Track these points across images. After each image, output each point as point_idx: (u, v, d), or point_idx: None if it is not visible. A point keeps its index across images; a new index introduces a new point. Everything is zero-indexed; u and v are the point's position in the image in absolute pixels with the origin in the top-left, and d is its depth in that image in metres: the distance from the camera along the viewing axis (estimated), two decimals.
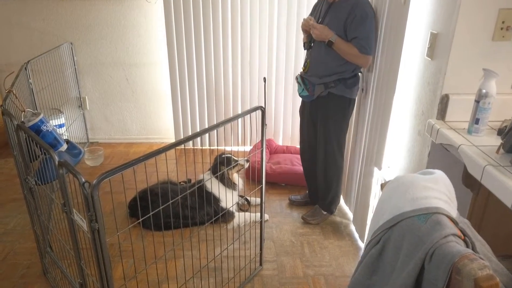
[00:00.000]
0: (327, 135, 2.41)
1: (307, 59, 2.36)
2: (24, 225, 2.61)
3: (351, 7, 2.08)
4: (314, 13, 2.36)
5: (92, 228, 1.22)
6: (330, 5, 2.18)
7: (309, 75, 2.34)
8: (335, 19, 2.15)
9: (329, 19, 2.17)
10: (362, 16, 2.06)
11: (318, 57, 2.27)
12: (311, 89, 2.33)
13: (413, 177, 1.06)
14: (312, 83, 2.33)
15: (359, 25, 2.07)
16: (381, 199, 1.11)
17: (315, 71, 2.31)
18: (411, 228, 0.96)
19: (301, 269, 2.24)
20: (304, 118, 2.59)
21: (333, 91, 2.29)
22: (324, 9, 2.23)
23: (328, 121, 2.38)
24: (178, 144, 1.47)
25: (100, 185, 1.19)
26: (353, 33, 2.10)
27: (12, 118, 1.66)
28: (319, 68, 2.29)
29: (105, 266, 1.30)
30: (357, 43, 2.11)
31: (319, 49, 2.25)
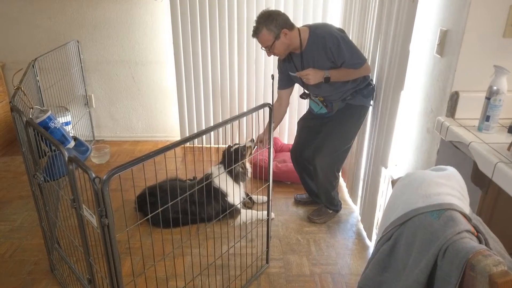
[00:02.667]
0: (327, 143, 2.39)
1: (314, 99, 2.45)
2: (31, 222, 2.62)
3: (321, 44, 2.15)
4: (287, 71, 2.40)
5: (102, 224, 1.22)
6: (301, 54, 2.24)
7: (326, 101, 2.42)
8: (317, 61, 2.21)
9: (311, 64, 2.23)
10: (336, 44, 2.12)
11: (324, 91, 2.34)
12: (330, 106, 2.40)
13: (425, 173, 1.06)
14: (329, 101, 2.40)
15: (339, 52, 2.13)
16: (392, 195, 1.11)
17: (331, 98, 2.39)
18: (424, 224, 0.95)
19: (307, 267, 2.23)
20: (306, 131, 2.61)
21: (351, 102, 2.34)
22: (297, 61, 2.29)
23: (340, 126, 2.38)
24: (187, 141, 1.47)
25: (110, 180, 1.19)
26: (340, 60, 2.16)
27: (22, 115, 1.67)
28: (332, 96, 2.36)
29: (114, 262, 1.30)
30: (349, 65, 2.18)
31: (320, 86, 2.30)
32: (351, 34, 2.90)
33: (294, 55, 2.29)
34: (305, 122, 2.67)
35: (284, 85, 2.51)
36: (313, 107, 2.50)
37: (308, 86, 2.38)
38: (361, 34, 2.59)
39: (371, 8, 2.39)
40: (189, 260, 2.23)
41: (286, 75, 2.45)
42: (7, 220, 2.65)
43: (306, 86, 2.41)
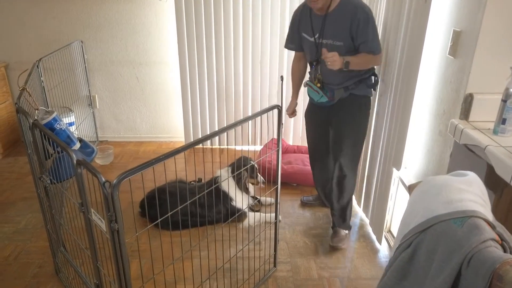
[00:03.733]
0: (344, 141, 2.25)
1: (317, 75, 2.20)
2: (35, 224, 2.60)
3: (351, 12, 1.99)
4: (300, 32, 2.22)
5: (112, 229, 1.19)
6: (325, 17, 2.06)
7: (325, 84, 2.23)
8: (338, 29, 2.04)
9: (331, 31, 2.06)
10: (365, 19, 1.98)
11: (327, 69, 2.10)
12: (331, 95, 2.20)
13: (445, 178, 1.03)
14: (330, 89, 2.21)
15: (365, 28, 1.99)
16: (411, 201, 1.08)
17: (332, 81, 2.19)
18: (447, 232, 0.92)
19: (315, 271, 2.20)
20: (316, 124, 2.46)
21: (355, 92, 2.19)
22: (317, 22, 2.10)
23: (349, 124, 2.24)
24: (197, 143, 1.45)
25: (120, 185, 1.16)
26: (361, 38, 2.02)
27: (28, 116, 1.64)
28: (335, 78, 2.17)
29: (123, 267, 1.27)
30: (368, 47, 2.04)
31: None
32: None
33: (315, 17, 2.10)
34: (311, 119, 2.51)
35: (293, 48, 2.36)
36: (313, 96, 2.30)
37: (318, 59, 2.17)
38: None
39: (380, 9, 2.36)
40: (196, 263, 2.20)
41: (298, 37, 2.27)
42: (11, 222, 2.63)
43: (316, 57, 2.18)
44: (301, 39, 2.25)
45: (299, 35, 2.24)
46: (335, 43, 2.06)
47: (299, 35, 2.24)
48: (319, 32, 2.10)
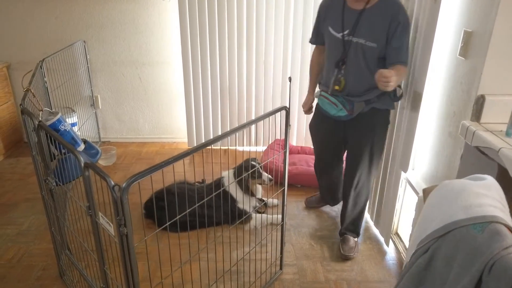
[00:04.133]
0: (364, 156, 2.10)
1: (339, 77, 1.94)
2: (38, 226, 2.58)
3: (392, 12, 1.77)
4: (327, 25, 1.96)
5: (120, 233, 1.17)
6: (361, 11, 1.81)
7: (345, 94, 1.98)
8: (375, 28, 1.80)
9: (366, 29, 1.82)
10: (405, 23, 1.78)
11: (357, 72, 1.91)
12: (350, 108, 1.97)
13: (463, 183, 1.00)
14: (350, 101, 1.97)
15: (403, 33, 1.78)
16: (428, 206, 1.06)
17: (354, 88, 1.95)
18: (466, 237, 0.90)
19: (322, 273, 2.18)
20: (327, 139, 2.25)
21: (376, 106, 1.98)
22: (350, 16, 1.85)
23: (369, 140, 2.06)
24: (207, 145, 1.42)
25: (129, 188, 1.14)
26: (396, 42, 1.79)
27: (33, 117, 1.62)
28: (359, 85, 1.94)
29: (132, 272, 1.25)
30: (401, 56, 1.82)
31: (357, 63, 1.89)
32: None
33: (349, 10, 1.84)
34: (321, 132, 2.24)
35: (318, 42, 2.12)
36: (329, 109, 2.06)
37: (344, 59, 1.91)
38: None
39: None
40: (202, 266, 2.18)
41: (321, 30, 2.03)
42: (14, 224, 2.60)
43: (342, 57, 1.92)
44: (325, 33, 2.00)
45: (325, 28, 1.99)
46: (367, 44, 1.83)
47: (324, 29, 1.99)
48: (350, 28, 1.84)
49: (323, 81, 2.12)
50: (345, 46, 1.88)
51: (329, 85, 2.01)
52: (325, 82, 2.08)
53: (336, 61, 1.95)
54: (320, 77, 2.18)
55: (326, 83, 2.05)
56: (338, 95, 1.99)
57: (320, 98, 2.12)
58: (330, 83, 1.99)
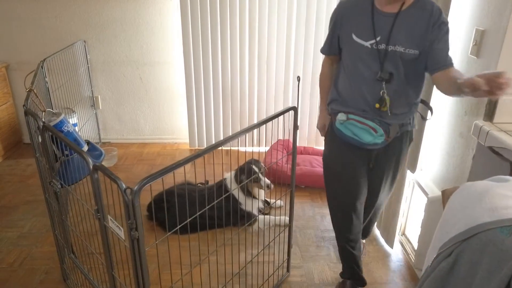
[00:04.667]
0: (388, 179, 1.83)
1: (383, 95, 1.57)
2: (40, 228, 2.53)
3: (432, 11, 1.49)
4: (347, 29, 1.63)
5: (132, 237, 1.14)
6: (396, 15, 1.51)
7: (383, 115, 1.61)
8: (415, 32, 1.50)
9: (404, 34, 1.51)
10: (446, 23, 1.52)
11: (398, 88, 1.58)
12: (387, 133, 1.63)
13: (487, 184, 0.98)
14: (385, 124, 1.62)
15: (446, 34, 1.51)
16: (450, 208, 1.03)
17: (394, 108, 1.61)
18: (493, 241, 0.87)
19: (329, 275, 2.16)
20: (355, 171, 1.78)
21: (408, 128, 1.71)
22: (382, 21, 1.53)
23: (396, 163, 1.79)
24: (216, 147, 1.39)
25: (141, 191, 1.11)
26: (443, 44, 1.50)
27: (37, 118, 1.58)
28: (399, 104, 1.61)
29: (143, 277, 1.22)
30: (449, 57, 1.51)
31: (397, 77, 1.57)
32: None
33: (380, 14, 1.53)
34: (347, 167, 1.78)
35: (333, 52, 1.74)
36: (362, 135, 1.63)
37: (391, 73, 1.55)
38: None
39: None
40: (208, 269, 2.15)
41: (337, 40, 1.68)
42: (15, 227, 2.56)
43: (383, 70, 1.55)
44: (345, 42, 1.64)
45: (345, 37, 1.63)
46: (407, 51, 1.51)
47: (345, 38, 1.64)
48: (384, 34, 1.53)
49: (341, 99, 1.72)
50: (381, 55, 1.55)
51: (365, 106, 1.63)
52: (352, 102, 1.66)
53: (375, 75, 1.57)
54: (333, 95, 1.77)
55: (355, 103, 1.65)
56: (375, 117, 1.62)
57: (347, 123, 1.67)
58: (367, 103, 1.62)
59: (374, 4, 1.56)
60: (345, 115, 1.67)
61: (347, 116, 1.67)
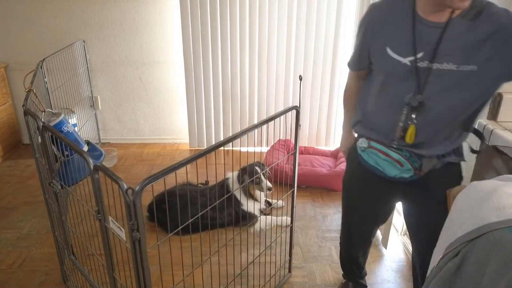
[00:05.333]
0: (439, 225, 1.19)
1: (406, 122, 1.31)
2: (39, 230, 2.52)
3: (500, 17, 1.18)
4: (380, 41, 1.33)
5: (133, 238, 1.12)
6: (446, 24, 1.21)
7: (410, 146, 1.35)
8: (469, 43, 1.19)
9: (456, 48, 1.21)
10: None
11: (439, 114, 1.28)
12: (418, 165, 1.36)
13: (493, 183, 0.97)
14: (418, 156, 1.36)
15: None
16: (456, 208, 1.02)
17: (429, 138, 1.33)
18: (501, 241, 0.86)
19: (331, 275, 2.15)
20: (375, 203, 1.60)
21: (452, 160, 1.38)
22: (427, 33, 1.24)
23: (442, 205, 1.34)
24: (218, 147, 1.38)
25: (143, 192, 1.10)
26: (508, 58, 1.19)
27: (37, 118, 1.57)
28: (437, 133, 1.33)
29: (144, 278, 1.20)
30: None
31: (442, 101, 1.27)
32: None
33: (423, 24, 1.24)
34: (367, 198, 1.59)
35: (362, 68, 1.47)
36: (386, 168, 1.41)
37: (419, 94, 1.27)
38: None
39: None
40: (208, 270, 2.13)
41: (367, 54, 1.39)
42: (14, 228, 2.54)
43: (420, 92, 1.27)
44: (377, 57, 1.36)
45: (378, 50, 1.34)
46: (460, 69, 1.21)
47: (377, 51, 1.35)
48: (427, 49, 1.24)
49: (365, 122, 1.47)
50: (419, 76, 1.26)
51: (389, 134, 1.37)
52: (378, 127, 1.42)
53: (404, 99, 1.29)
54: (357, 116, 1.52)
55: (379, 129, 1.40)
56: (401, 148, 1.36)
57: (368, 151, 1.45)
58: (391, 131, 1.36)
59: (416, 11, 1.25)
60: (367, 141, 1.44)
61: (368, 143, 1.44)
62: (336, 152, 3.37)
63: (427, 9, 1.23)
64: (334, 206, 2.82)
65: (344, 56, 3.37)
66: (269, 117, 1.62)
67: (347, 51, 3.35)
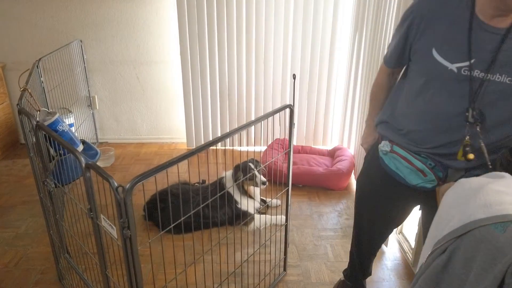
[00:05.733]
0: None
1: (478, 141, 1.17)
2: (36, 229, 2.52)
3: None
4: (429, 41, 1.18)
5: (124, 236, 1.12)
6: (507, 32, 1.08)
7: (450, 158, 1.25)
8: None
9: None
10: None
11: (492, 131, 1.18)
12: (443, 176, 1.28)
13: (481, 180, 0.97)
14: (444, 166, 1.28)
15: None
16: (444, 205, 1.02)
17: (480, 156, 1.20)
18: (487, 237, 0.87)
19: (326, 274, 2.15)
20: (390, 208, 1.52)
21: (480, 173, 1.18)
22: (485, 39, 1.11)
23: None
24: (210, 145, 1.38)
25: (133, 189, 1.10)
26: None
27: (31, 117, 1.57)
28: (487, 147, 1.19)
29: (136, 276, 1.21)
30: None
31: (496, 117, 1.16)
32: (364, 35, 2.83)
33: (481, 28, 1.10)
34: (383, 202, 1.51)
35: (399, 65, 1.35)
36: (407, 175, 1.33)
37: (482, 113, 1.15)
38: (377, 33, 2.51)
39: (390, 5, 2.31)
40: (203, 268, 2.14)
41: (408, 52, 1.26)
42: (11, 227, 2.55)
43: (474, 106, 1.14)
44: (420, 57, 1.22)
45: (423, 50, 1.20)
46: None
47: (421, 51, 1.21)
48: (482, 57, 1.11)
49: (392, 123, 1.37)
50: (472, 87, 1.13)
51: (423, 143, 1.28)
52: (404, 132, 1.32)
53: (457, 111, 1.17)
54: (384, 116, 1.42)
55: (418, 140, 1.29)
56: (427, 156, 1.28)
57: (390, 156, 1.35)
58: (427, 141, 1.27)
59: (475, 13, 1.10)
60: (390, 145, 1.35)
61: (391, 147, 1.34)
62: (333, 151, 3.37)
63: (487, 12, 1.08)
64: (330, 205, 2.82)
65: (341, 54, 3.38)
66: (262, 116, 1.63)
67: (344, 50, 3.35)
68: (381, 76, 1.46)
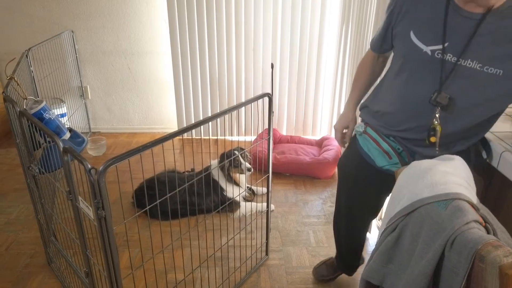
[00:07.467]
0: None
1: (435, 122, 1.19)
2: (27, 215, 2.59)
3: None
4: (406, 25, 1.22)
5: (98, 216, 1.19)
6: (482, 18, 1.08)
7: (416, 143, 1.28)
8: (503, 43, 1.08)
9: (489, 46, 1.09)
10: None
11: (458, 116, 1.19)
12: (410, 161, 1.21)
13: (431, 162, 1.03)
14: (412, 152, 1.31)
15: None
16: (397, 186, 1.08)
17: (447, 144, 1.25)
18: (431, 214, 0.93)
19: (307, 259, 2.22)
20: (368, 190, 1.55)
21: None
22: (460, 23, 1.12)
23: None
24: (184, 131, 1.44)
25: (106, 171, 1.16)
26: None
27: (15, 105, 1.62)
28: (453, 135, 1.23)
29: (112, 255, 1.27)
30: None
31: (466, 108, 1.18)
32: (350, 26, 2.86)
33: (457, 13, 1.12)
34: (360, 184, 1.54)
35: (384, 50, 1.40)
36: (376, 157, 1.38)
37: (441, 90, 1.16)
38: (362, 24, 2.55)
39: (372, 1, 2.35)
40: (188, 253, 2.21)
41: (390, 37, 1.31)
42: (3, 213, 2.62)
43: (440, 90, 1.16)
44: (399, 40, 1.26)
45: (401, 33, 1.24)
46: (485, 70, 1.11)
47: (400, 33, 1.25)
48: (456, 41, 1.13)
49: (370, 106, 1.42)
50: (443, 70, 1.15)
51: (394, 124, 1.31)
52: (378, 114, 1.36)
53: (428, 94, 1.18)
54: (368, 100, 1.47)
55: (390, 122, 1.32)
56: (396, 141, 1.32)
57: (362, 136, 1.42)
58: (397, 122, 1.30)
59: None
60: (364, 126, 1.41)
61: (365, 128, 1.40)
62: (321, 141, 3.43)
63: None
64: (315, 193, 2.88)
65: (330, 46, 3.41)
66: (239, 104, 1.68)
67: (333, 40, 3.39)
68: (366, 58, 1.51)
